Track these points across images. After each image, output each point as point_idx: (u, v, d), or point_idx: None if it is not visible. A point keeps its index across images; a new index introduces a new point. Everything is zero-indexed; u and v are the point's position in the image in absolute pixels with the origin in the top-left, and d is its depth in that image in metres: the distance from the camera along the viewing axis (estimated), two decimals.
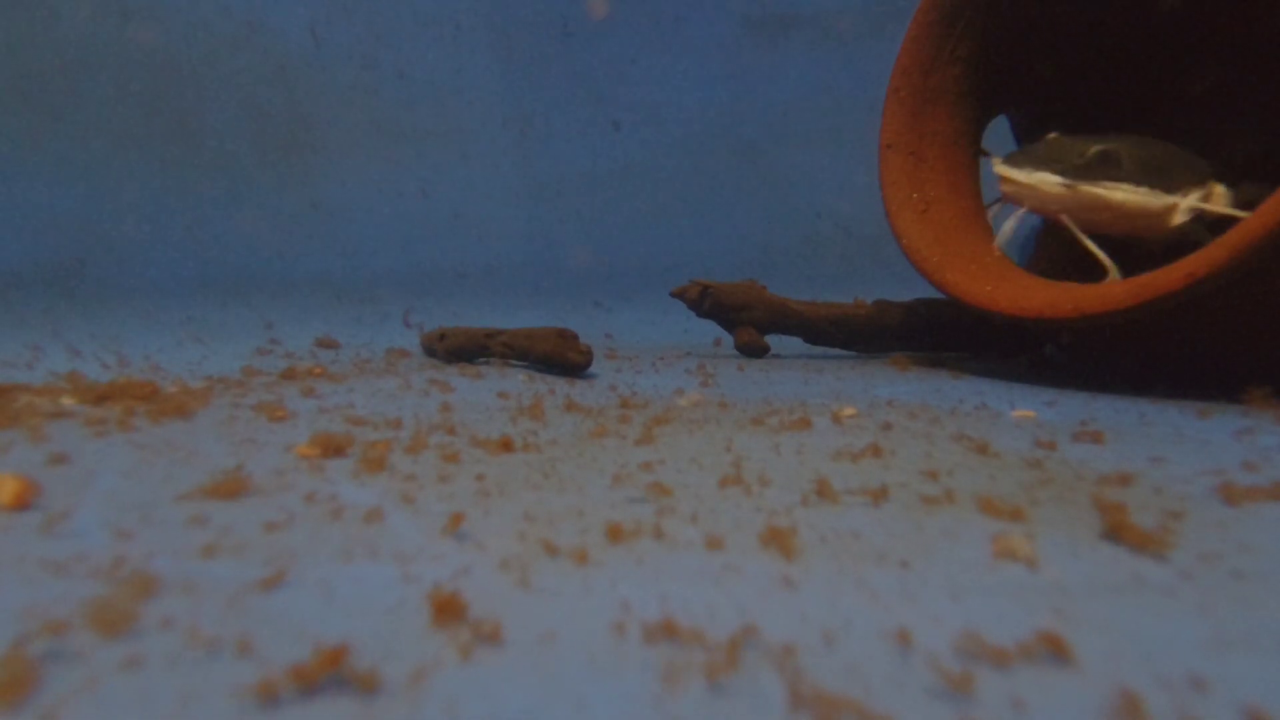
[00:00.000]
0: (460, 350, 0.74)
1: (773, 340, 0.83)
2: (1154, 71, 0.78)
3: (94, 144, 1.45)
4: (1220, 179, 0.66)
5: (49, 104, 1.44)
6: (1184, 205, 0.63)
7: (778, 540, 0.26)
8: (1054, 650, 0.19)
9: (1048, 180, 0.62)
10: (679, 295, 0.83)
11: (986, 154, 0.78)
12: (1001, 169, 0.64)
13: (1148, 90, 0.79)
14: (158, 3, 1.46)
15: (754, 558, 0.25)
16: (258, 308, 1.18)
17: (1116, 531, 0.27)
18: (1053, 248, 0.84)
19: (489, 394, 0.56)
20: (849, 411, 0.49)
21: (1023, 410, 0.51)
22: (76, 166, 1.44)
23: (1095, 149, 0.62)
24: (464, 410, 0.50)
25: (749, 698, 0.17)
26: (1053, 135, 0.65)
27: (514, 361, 0.73)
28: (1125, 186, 0.62)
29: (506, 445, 0.39)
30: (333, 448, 0.37)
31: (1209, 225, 0.65)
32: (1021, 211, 0.67)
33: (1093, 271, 0.65)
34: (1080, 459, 0.38)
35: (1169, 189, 0.63)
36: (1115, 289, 0.55)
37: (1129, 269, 0.61)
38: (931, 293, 0.74)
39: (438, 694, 0.17)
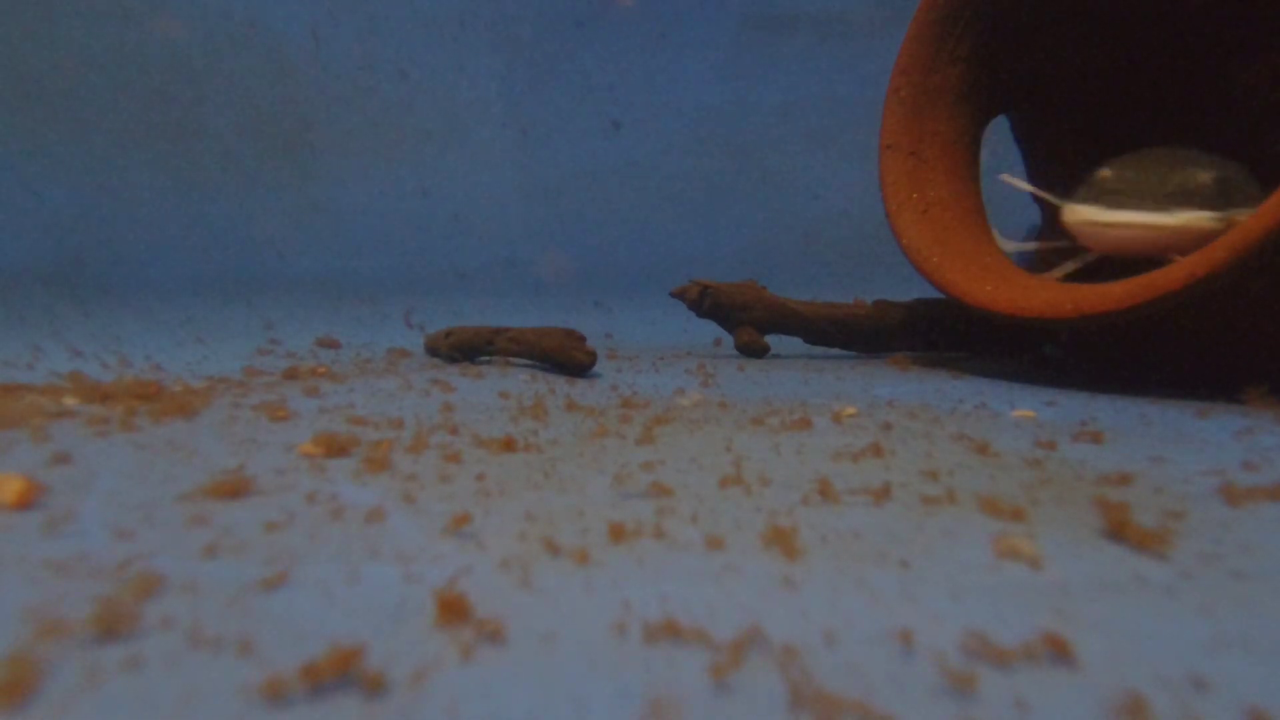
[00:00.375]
0: (467, 347, 0.74)
1: (773, 340, 0.83)
2: (1156, 70, 0.78)
3: (94, 144, 1.46)
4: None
5: (49, 104, 1.44)
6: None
7: (778, 540, 0.26)
8: (1056, 650, 0.19)
9: (1200, 218, 0.59)
10: (679, 295, 0.83)
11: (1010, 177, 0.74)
12: (1128, 217, 0.59)
13: (1149, 89, 0.79)
14: (158, 3, 1.46)
15: (755, 558, 0.25)
16: (258, 308, 1.18)
17: (1118, 531, 0.27)
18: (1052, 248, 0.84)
19: (490, 394, 0.56)
20: (849, 411, 0.49)
21: (1023, 410, 0.51)
22: (76, 166, 1.44)
23: (1206, 175, 0.59)
24: (465, 410, 0.50)
25: (750, 697, 0.17)
26: (1106, 172, 0.62)
27: (516, 360, 0.73)
28: (1248, 208, 0.59)
29: (508, 445, 0.39)
30: (334, 447, 0.37)
31: None
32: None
33: (1091, 272, 0.65)
34: (1080, 459, 0.38)
35: (1253, 202, 0.62)
36: (1115, 289, 0.55)
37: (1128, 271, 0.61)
38: (931, 293, 0.74)
39: (439, 694, 0.17)
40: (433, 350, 0.78)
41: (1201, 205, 0.59)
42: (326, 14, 1.50)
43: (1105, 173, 0.62)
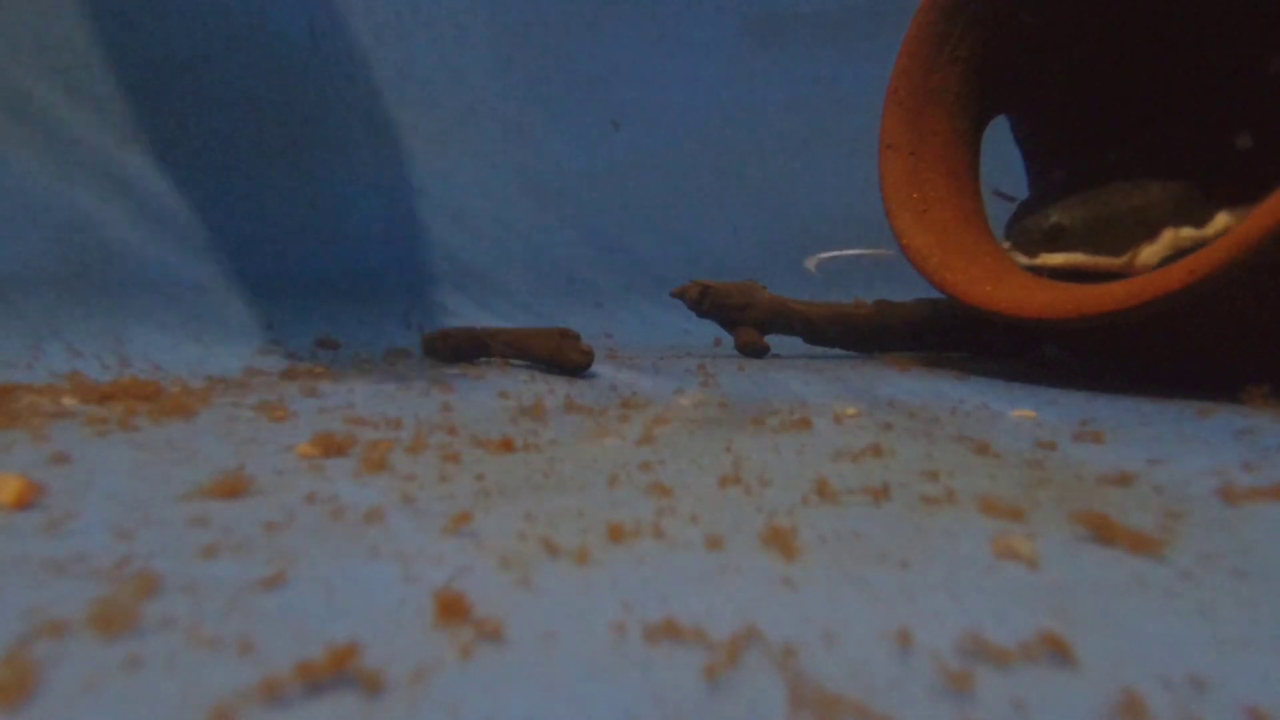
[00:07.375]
0: (463, 349, 0.74)
1: (773, 340, 0.83)
2: (1155, 70, 0.78)
3: (94, 144, 1.45)
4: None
5: (49, 104, 1.44)
6: None
7: (778, 540, 0.26)
8: (1055, 650, 0.19)
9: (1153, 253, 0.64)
10: (679, 295, 0.83)
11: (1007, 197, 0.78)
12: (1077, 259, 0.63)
13: (1149, 89, 0.79)
14: (157, 2, 1.46)
15: (754, 558, 0.25)
16: (258, 308, 1.18)
17: (1108, 539, 0.27)
18: None
19: (489, 394, 0.56)
20: (849, 411, 0.49)
21: (1023, 410, 0.51)
22: (76, 166, 1.44)
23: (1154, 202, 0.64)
24: (464, 410, 0.50)
25: (749, 697, 0.17)
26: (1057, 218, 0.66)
27: (515, 361, 0.73)
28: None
29: (507, 445, 0.39)
30: (333, 448, 0.37)
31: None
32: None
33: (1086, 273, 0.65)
34: (1080, 459, 0.38)
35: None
36: (1115, 289, 0.55)
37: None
38: (931, 293, 0.74)
39: (438, 694, 0.17)
40: (430, 350, 0.78)
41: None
42: (326, 14, 1.51)
43: (1057, 219, 0.66)
